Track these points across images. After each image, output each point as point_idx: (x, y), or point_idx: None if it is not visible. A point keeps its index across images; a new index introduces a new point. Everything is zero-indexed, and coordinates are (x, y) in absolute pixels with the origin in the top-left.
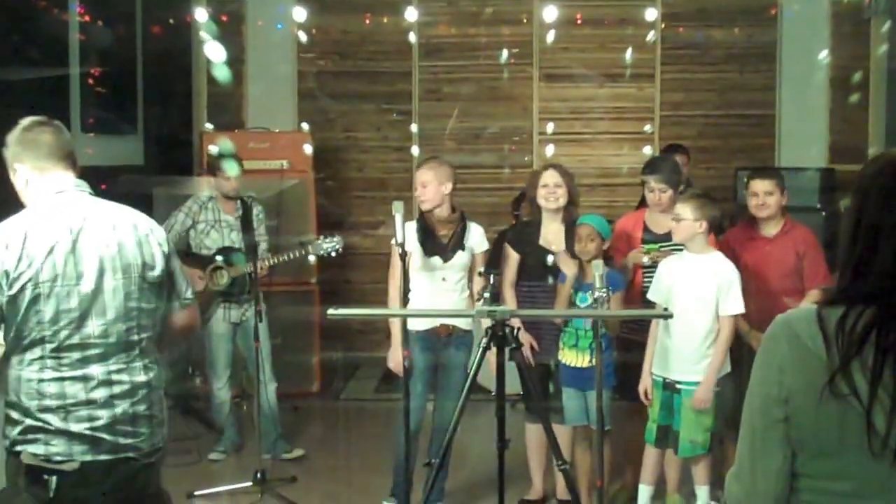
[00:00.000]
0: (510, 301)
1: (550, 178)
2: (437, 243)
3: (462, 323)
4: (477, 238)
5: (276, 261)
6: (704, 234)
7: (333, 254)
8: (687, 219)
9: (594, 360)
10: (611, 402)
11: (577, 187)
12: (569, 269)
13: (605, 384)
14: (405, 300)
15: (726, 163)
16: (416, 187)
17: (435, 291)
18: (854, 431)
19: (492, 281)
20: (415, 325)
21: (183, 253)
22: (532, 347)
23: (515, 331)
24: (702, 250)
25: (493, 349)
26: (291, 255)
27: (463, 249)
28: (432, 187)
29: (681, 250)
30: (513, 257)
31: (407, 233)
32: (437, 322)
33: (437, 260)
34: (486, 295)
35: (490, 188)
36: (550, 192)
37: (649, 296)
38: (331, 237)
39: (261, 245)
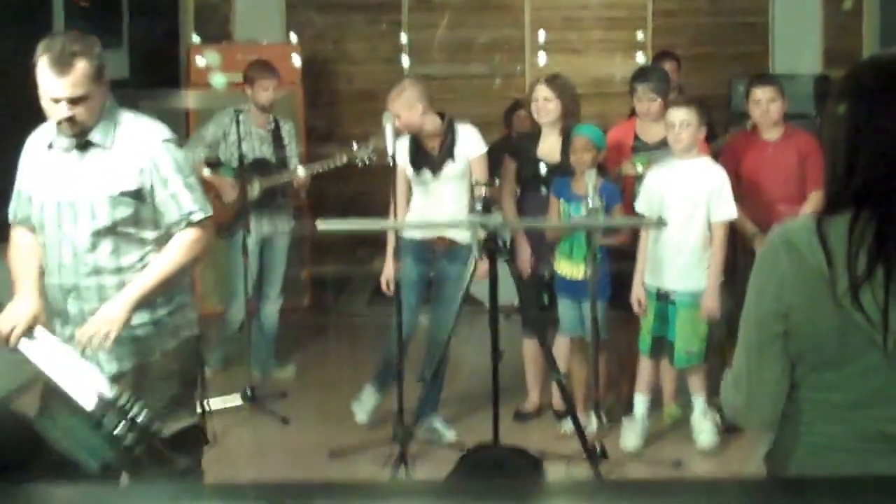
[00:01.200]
0: (510, 212)
1: (540, 92)
2: (425, 156)
3: (458, 236)
4: (470, 143)
5: (318, 169)
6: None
7: (368, 161)
8: (693, 124)
9: (589, 272)
10: (606, 312)
11: (576, 98)
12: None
13: (600, 295)
14: (399, 211)
15: (720, 70)
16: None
17: (430, 204)
18: (855, 343)
19: (484, 192)
20: (412, 233)
21: (214, 164)
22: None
23: (508, 242)
24: (693, 156)
25: (486, 260)
26: (331, 164)
27: (453, 159)
28: (405, 115)
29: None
30: (510, 167)
31: (399, 148)
32: (433, 232)
33: (426, 173)
34: (479, 206)
35: (481, 99)
36: (540, 107)
37: (637, 207)
38: (365, 145)
39: (292, 160)
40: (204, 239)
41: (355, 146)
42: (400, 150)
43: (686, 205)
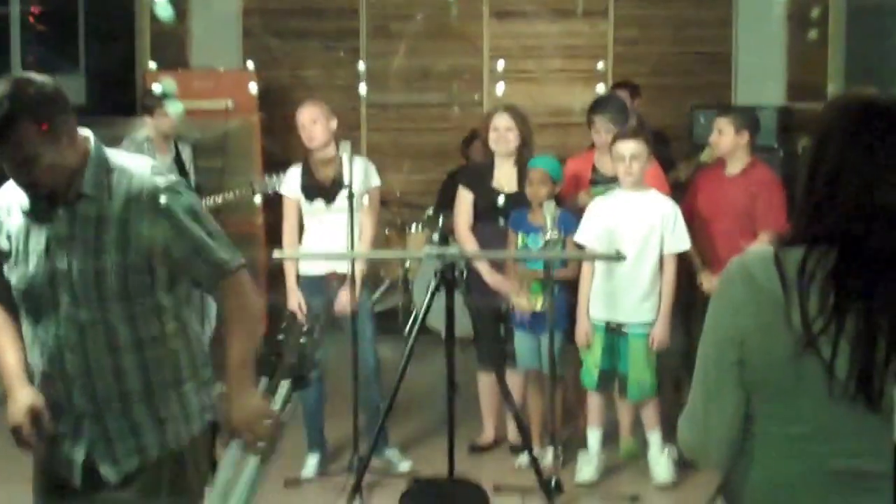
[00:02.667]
0: (469, 243)
1: (501, 121)
2: (319, 186)
3: (347, 269)
4: (362, 174)
5: (219, 200)
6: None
7: (270, 194)
8: (642, 156)
9: (546, 304)
10: (563, 346)
11: (531, 129)
12: (504, 287)
13: (557, 328)
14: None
15: (681, 101)
16: (303, 125)
17: (323, 236)
18: (810, 373)
19: (440, 223)
20: (306, 269)
21: None
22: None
23: (464, 273)
24: (641, 188)
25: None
26: (236, 193)
27: (342, 188)
28: (321, 124)
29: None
30: (466, 198)
31: (290, 177)
32: (328, 268)
33: (319, 203)
34: (436, 237)
35: (439, 128)
36: (501, 136)
37: (577, 238)
38: (277, 176)
39: (192, 185)
40: (249, 286)
41: (266, 177)
42: (290, 180)
43: (638, 237)
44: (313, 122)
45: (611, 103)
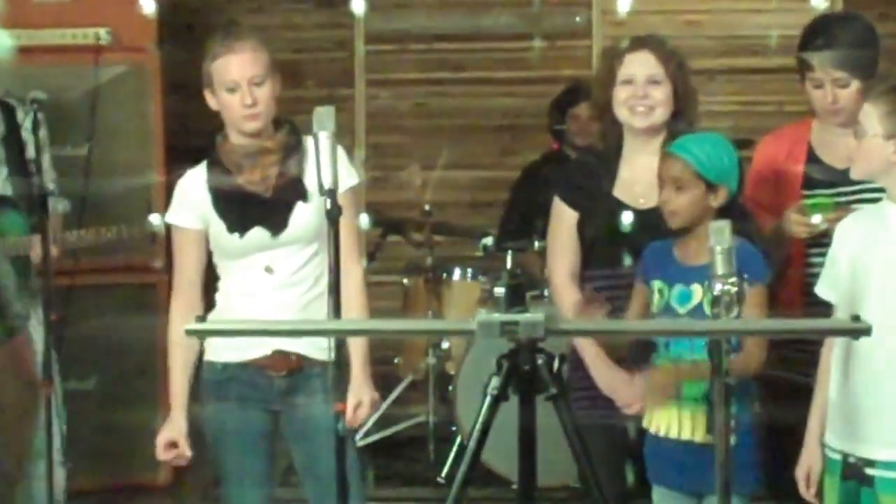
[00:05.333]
0: (567, 301)
1: (641, 66)
2: (253, 202)
3: (314, 350)
4: (334, 168)
5: (71, 238)
6: None
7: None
8: (872, 133)
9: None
10: None
11: (691, 82)
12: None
13: (739, 481)
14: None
15: None
16: (234, 85)
17: (256, 293)
18: None
19: (508, 264)
20: (224, 353)
21: None
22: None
23: (557, 363)
24: None
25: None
26: (123, 230)
27: (304, 199)
28: (268, 88)
29: (878, 199)
30: (568, 218)
31: (186, 193)
32: (265, 348)
33: (259, 235)
34: (499, 290)
35: (505, 80)
36: (639, 98)
37: (819, 291)
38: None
39: (51, 194)
40: None
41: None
42: (188, 195)
43: (892, 293)
44: (254, 82)
45: (843, 29)
